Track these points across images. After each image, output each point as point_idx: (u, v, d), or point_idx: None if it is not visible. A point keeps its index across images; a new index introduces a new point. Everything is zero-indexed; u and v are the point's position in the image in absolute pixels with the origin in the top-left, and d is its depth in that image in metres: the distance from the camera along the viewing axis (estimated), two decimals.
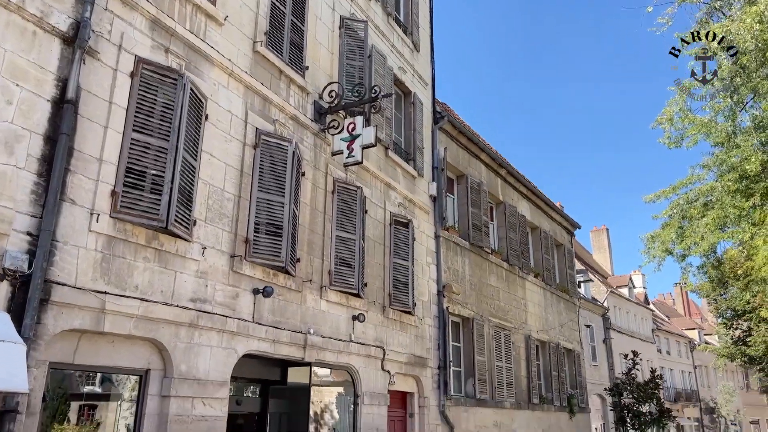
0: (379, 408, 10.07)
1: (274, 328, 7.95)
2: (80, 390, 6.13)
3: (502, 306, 15.55)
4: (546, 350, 17.70)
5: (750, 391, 52.88)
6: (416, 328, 11.72)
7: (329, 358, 9.05)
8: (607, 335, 34.89)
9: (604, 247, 45.06)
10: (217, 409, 6.85)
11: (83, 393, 6.18)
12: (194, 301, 6.80)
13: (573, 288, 21.15)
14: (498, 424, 14.12)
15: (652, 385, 19.63)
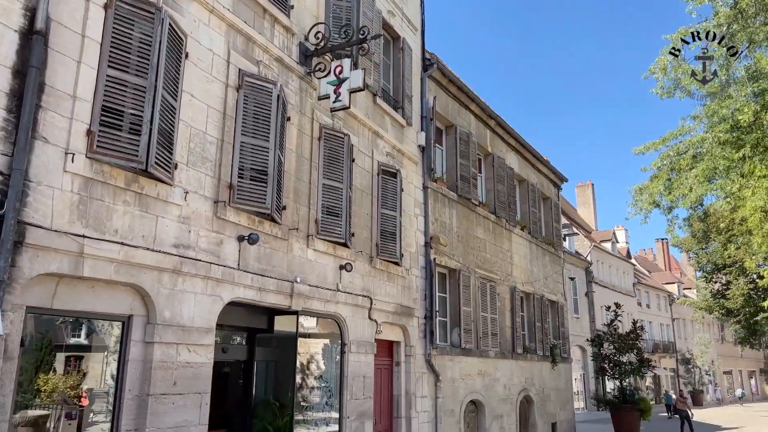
0: (366, 356, 10.09)
1: (260, 276, 7.81)
2: (62, 337, 5.98)
3: (488, 258, 15.57)
4: (530, 302, 17.89)
5: (725, 342, 54.61)
6: (403, 278, 11.68)
7: (316, 306, 8.98)
8: (589, 288, 35.49)
9: (589, 203, 45.33)
10: (202, 356, 6.76)
11: (65, 339, 6.03)
12: (177, 246, 6.61)
13: (558, 241, 21.26)
14: (482, 372, 14.33)
15: (633, 335, 20.01)
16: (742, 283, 27.58)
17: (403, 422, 11.21)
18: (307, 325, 9.30)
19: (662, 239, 59.63)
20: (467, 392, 13.52)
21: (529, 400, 16.79)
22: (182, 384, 6.46)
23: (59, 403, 5.83)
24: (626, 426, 18.82)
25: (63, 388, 5.85)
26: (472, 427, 13.96)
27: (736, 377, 56.55)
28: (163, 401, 6.21)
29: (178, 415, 6.34)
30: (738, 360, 56.76)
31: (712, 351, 49.23)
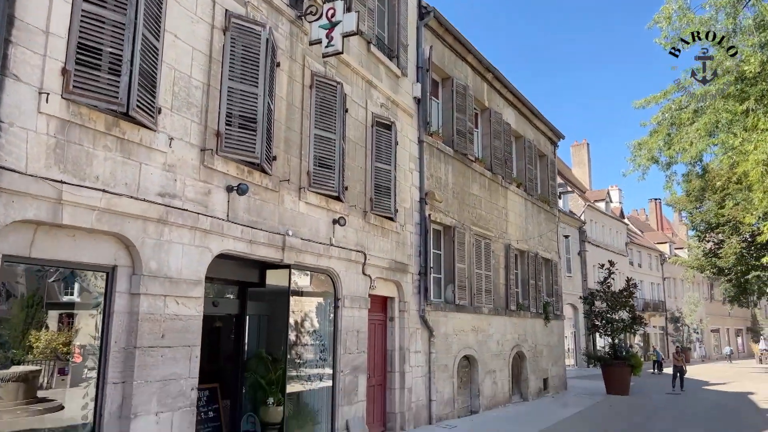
0: (359, 311, 9.96)
1: (251, 228, 7.57)
2: (44, 288, 5.75)
3: (483, 215, 15.38)
4: (525, 259, 17.81)
5: (713, 301, 55.39)
6: (398, 234, 11.48)
7: (309, 261, 8.78)
8: (582, 248, 35.60)
9: (584, 162, 45.08)
10: (191, 309, 6.57)
11: (49, 292, 5.80)
12: (162, 195, 6.33)
13: (554, 199, 21.08)
14: (476, 328, 14.31)
15: (626, 293, 20.08)
16: (734, 242, 27.66)
17: (397, 376, 11.19)
18: (300, 283, 9.12)
19: (655, 199, 59.74)
20: (461, 348, 13.52)
21: (521, 356, 16.89)
22: (171, 337, 6.28)
23: (51, 358, 5.67)
24: (617, 381, 19.04)
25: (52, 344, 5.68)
26: (465, 382, 14.03)
27: (723, 335, 57.58)
28: (151, 354, 6.04)
29: (166, 368, 6.18)
30: (726, 318, 57.68)
31: (700, 309, 49.92)
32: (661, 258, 49.58)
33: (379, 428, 10.81)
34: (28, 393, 5.54)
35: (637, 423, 13.05)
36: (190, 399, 6.45)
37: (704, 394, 20.17)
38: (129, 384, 5.82)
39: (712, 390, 21.91)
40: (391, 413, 11.07)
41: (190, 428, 6.42)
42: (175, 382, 6.29)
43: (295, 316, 8.81)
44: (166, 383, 6.18)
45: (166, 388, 6.17)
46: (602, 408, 15.67)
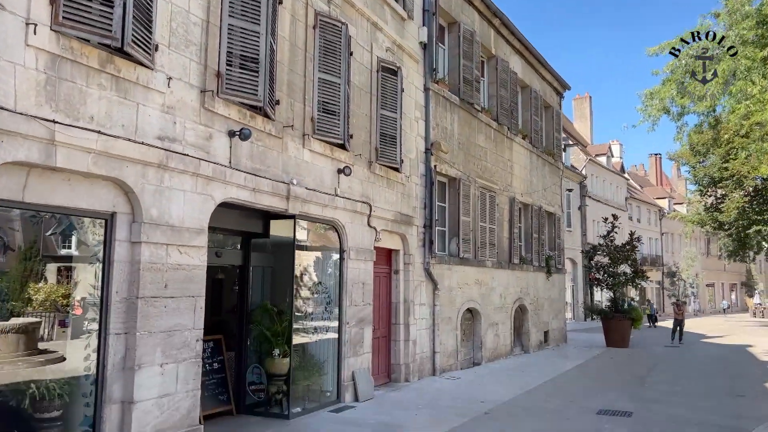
0: (365, 263, 9.76)
1: (254, 176, 7.25)
2: (40, 240, 5.47)
3: (489, 167, 15.05)
4: (528, 213, 17.59)
5: (710, 257, 55.76)
6: (403, 185, 11.18)
7: (314, 211, 8.50)
8: (582, 202, 35.45)
9: (586, 116, 44.43)
10: (194, 258, 6.32)
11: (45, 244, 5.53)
12: (162, 139, 5.99)
13: (558, 152, 20.72)
14: (479, 282, 14.20)
15: (629, 247, 19.97)
16: (737, 197, 27.47)
17: (402, 328, 11.10)
18: (305, 234, 8.85)
19: (655, 154, 59.33)
20: (464, 301, 13.43)
21: (523, 309, 16.88)
22: (174, 287, 6.05)
23: (51, 310, 5.45)
24: (617, 334, 19.13)
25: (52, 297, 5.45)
26: (468, 334, 14.00)
27: (718, 290, 58.22)
28: (154, 304, 5.82)
29: (170, 319, 5.98)
30: (721, 273, 58.22)
31: (697, 265, 50.27)
32: (659, 213, 49.56)
33: (384, 379, 10.78)
34: (29, 344, 5.34)
35: (639, 375, 13.09)
36: (195, 350, 6.28)
37: (703, 347, 20.33)
38: (132, 335, 5.61)
39: (711, 343, 22.10)
40: (395, 365, 11.02)
41: (196, 379, 6.27)
42: (180, 334, 6.09)
43: (300, 268, 8.59)
44: (171, 334, 5.98)
45: (171, 339, 5.98)
46: (603, 360, 15.75)
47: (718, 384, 11.99)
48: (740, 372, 14.01)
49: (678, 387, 11.50)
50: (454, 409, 8.96)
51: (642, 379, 12.48)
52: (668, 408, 9.33)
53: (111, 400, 5.48)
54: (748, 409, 9.32)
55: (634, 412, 8.99)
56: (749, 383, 12.13)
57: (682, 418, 8.61)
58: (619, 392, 10.77)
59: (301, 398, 8.55)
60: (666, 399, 10.15)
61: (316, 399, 8.79)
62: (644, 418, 8.59)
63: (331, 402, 8.85)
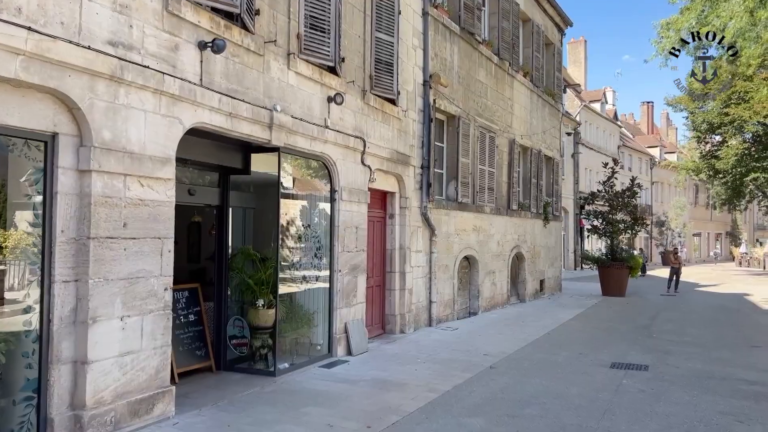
0: (358, 206, 8.80)
1: (230, 98, 6.16)
2: None
3: (489, 105, 13.98)
4: (527, 156, 16.63)
5: (697, 206, 55.69)
6: (399, 121, 10.11)
7: (301, 144, 7.45)
8: (576, 150, 34.59)
9: (580, 61, 42.99)
10: (160, 193, 5.30)
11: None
12: (114, 45, 4.86)
13: (559, 92, 19.61)
14: (477, 228, 13.36)
15: (629, 193, 19.19)
16: (737, 143, 26.73)
17: (397, 277, 10.26)
18: (292, 171, 7.81)
19: (648, 102, 58.24)
20: (462, 248, 12.61)
21: (520, 257, 16.16)
22: (135, 226, 5.06)
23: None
24: (614, 283, 18.57)
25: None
26: (465, 283, 13.26)
27: (704, 239, 58.46)
28: (111, 246, 4.83)
29: (132, 264, 5.01)
30: (707, 223, 58.35)
31: (685, 214, 50.09)
32: (651, 162, 48.94)
33: (378, 331, 10.01)
34: None
35: (644, 325, 12.49)
36: (164, 301, 5.34)
37: (700, 296, 19.93)
38: (84, 283, 4.65)
39: (706, 291, 21.75)
40: (390, 315, 10.24)
41: (165, 334, 5.36)
42: (144, 281, 5.13)
43: (286, 209, 7.60)
44: (133, 282, 5.02)
45: (133, 287, 5.02)
46: (603, 309, 15.18)
47: (728, 334, 11.42)
48: (746, 321, 13.50)
49: (687, 337, 10.90)
50: (455, 362, 8.22)
51: (647, 329, 11.88)
52: (684, 360, 8.68)
53: (60, 360, 4.56)
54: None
55: (650, 365, 8.32)
56: (760, 333, 11.58)
57: (702, 372, 7.95)
58: (628, 343, 10.13)
59: (289, 353, 7.72)
60: (679, 350, 9.51)
61: (306, 353, 7.98)
62: (662, 372, 7.92)
63: (322, 356, 8.04)
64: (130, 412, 4.97)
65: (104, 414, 4.74)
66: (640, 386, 7.11)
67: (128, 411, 4.96)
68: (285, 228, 7.59)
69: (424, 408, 6.05)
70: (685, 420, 5.74)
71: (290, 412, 5.79)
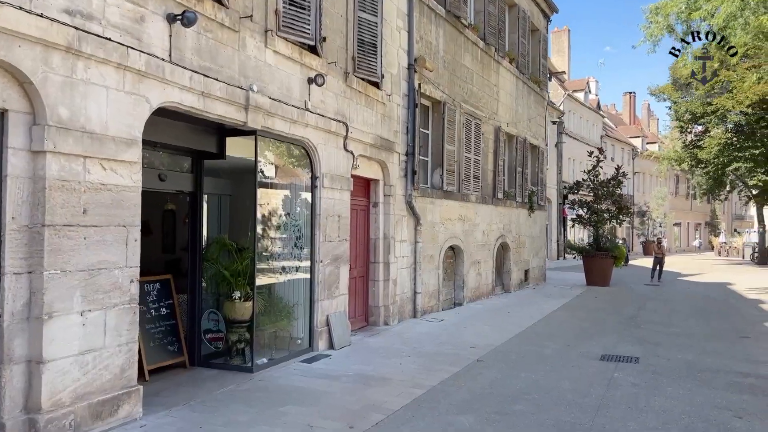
0: (341, 193, 8.43)
1: (203, 76, 5.74)
2: None
3: (475, 92, 13.65)
4: (513, 145, 16.36)
5: (678, 196, 56.13)
6: (383, 105, 9.74)
7: (279, 127, 7.04)
8: (559, 139, 34.44)
9: (564, 50, 42.77)
10: (124, 177, 4.88)
11: None
12: (71, 14, 4.42)
13: (544, 80, 19.35)
14: (462, 217, 13.07)
15: (613, 182, 19.04)
16: (719, 132, 26.78)
17: (381, 267, 9.93)
18: (270, 156, 7.41)
19: (630, 93, 58.42)
20: (447, 237, 12.31)
21: (505, 247, 15.92)
22: (97, 213, 4.64)
23: None
24: (598, 273, 18.44)
25: None
26: (450, 274, 12.98)
27: (684, 228, 59.03)
28: (69, 235, 4.41)
29: (93, 254, 4.59)
30: (687, 213, 58.87)
31: (666, 204, 50.43)
32: (633, 152, 49.12)
33: (361, 323, 9.68)
34: None
35: (630, 315, 12.34)
36: (129, 294, 4.94)
37: (684, 285, 19.92)
38: (38, 275, 4.23)
39: (690, 281, 21.78)
40: (374, 307, 9.91)
41: (131, 330, 4.96)
42: (107, 273, 4.73)
43: (263, 196, 7.20)
44: (94, 274, 4.61)
45: (94, 280, 4.62)
46: (588, 300, 15.02)
47: (716, 324, 11.29)
48: (732, 311, 13.42)
49: (676, 328, 10.74)
50: (442, 356, 7.92)
51: (634, 320, 11.71)
52: (675, 352, 8.48)
53: (12, 359, 4.15)
54: (760, 352, 8.56)
55: (640, 357, 8.11)
56: (748, 323, 11.47)
57: (693, 364, 7.75)
58: (617, 335, 9.93)
59: (268, 347, 7.36)
60: (669, 342, 9.33)
61: (285, 348, 7.62)
62: (653, 364, 7.70)
63: (303, 351, 7.69)
64: (92, 414, 4.58)
65: (62, 417, 4.35)
66: (633, 380, 6.88)
67: (90, 413, 4.57)
68: (263, 216, 7.19)
69: (410, 405, 5.74)
70: (682, 416, 5.51)
71: (267, 411, 5.44)
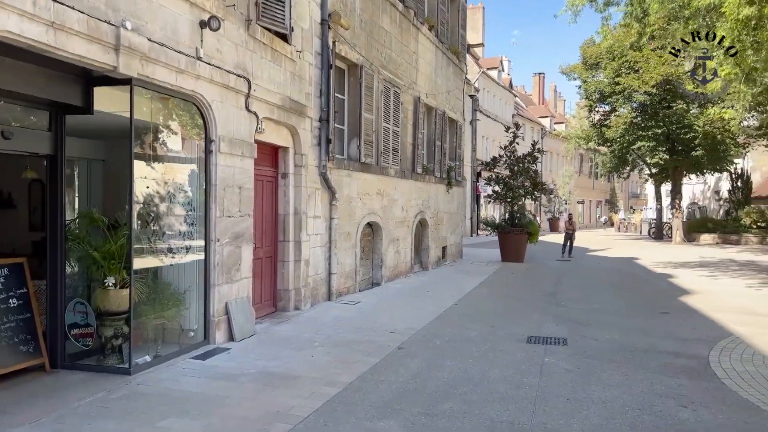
0: (242, 161, 7.27)
1: (53, 1, 4.41)
2: None
3: (393, 57, 12.74)
4: (432, 117, 15.68)
5: (581, 175, 58.56)
6: (293, 63, 8.61)
7: (163, 77, 5.79)
8: (474, 116, 34.43)
9: (478, 28, 42.72)
10: None
11: None
12: None
13: (463, 51, 18.77)
14: (381, 192, 12.23)
15: (529, 158, 18.91)
16: (626, 111, 27.61)
17: (291, 246, 8.90)
18: (151, 111, 6.14)
19: (539, 73, 59.96)
20: (365, 213, 11.44)
21: (423, 224, 15.31)
22: None
23: None
24: (513, 249, 18.33)
25: None
26: (368, 252, 12.15)
27: (587, 206, 61.87)
28: None
29: None
30: (590, 191, 61.68)
31: (572, 183, 52.41)
32: (542, 132, 50.42)
33: (269, 309, 8.64)
34: None
35: (549, 292, 12.08)
36: None
37: (594, 260, 20.31)
38: None
39: (598, 256, 22.31)
40: (283, 291, 8.88)
41: None
42: None
43: (144, 162, 5.95)
44: None
45: None
46: (505, 276, 14.74)
47: (633, 299, 11.22)
48: (644, 285, 13.54)
49: (595, 304, 10.52)
50: (359, 344, 7.07)
51: (554, 296, 11.44)
52: (601, 331, 8.11)
53: None
54: (683, 329, 8.36)
55: (567, 338, 7.66)
56: (662, 298, 11.49)
57: (622, 344, 7.37)
58: (539, 313, 9.51)
59: (153, 342, 6.18)
60: (592, 319, 9.00)
61: (175, 341, 6.46)
62: (582, 346, 7.24)
63: (197, 345, 6.56)
64: None
65: None
66: (565, 365, 6.34)
67: None
68: (143, 186, 5.94)
69: (322, 409, 4.83)
70: (625, 407, 4.97)
71: (142, 428, 4.33)
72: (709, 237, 30.50)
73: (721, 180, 35.54)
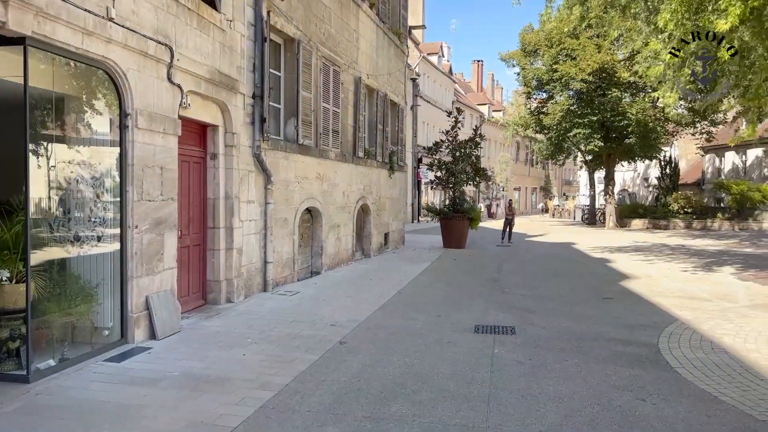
0: (164, 138, 6.52)
1: None
2: None
3: (333, 34, 12.09)
4: (374, 99, 15.15)
5: (518, 162, 59.69)
6: (223, 32, 7.86)
7: (66, 37, 4.98)
8: (415, 102, 34.18)
9: (418, 12, 42.19)
10: None
11: None
12: None
13: (405, 32, 18.29)
14: (321, 176, 11.63)
15: (471, 144, 18.72)
16: (564, 98, 27.99)
17: (222, 233, 8.20)
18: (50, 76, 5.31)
19: (478, 61, 60.45)
20: (304, 198, 10.82)
21: (365, 210, 14.83)
22: None
23: None
24: (455, 235, 18.16)
25: None
26: (307, 239, 11.55)
27: (523, 192, 63.25)
28: None
29: None
30: (526, 178, 63.05)
31: (509, 170, 53.29)
32: (481, 119, 50.86)
33: (197, 302, 7.93)
34: None
35: (491, 278, 11.89)
36: None
37: (532, 246, 20.46)
38: None
39: (536, 242, 22.54)
40: (213, 282, 8.18)
41: None
42: None
43: (44, 136, 5.14)
44: None
45: None
46: (448, 263, 14.49)
47: (575, 285, 11.17)
48: (584, 270, 13.59)
49: (539, 290, 10.38)
50: (297, 339, 6.52)
51: (497, 282, 11.25)
52: (548, 319, 7.90)
53: None
54: (628, 315, 8.26)
55: (515, 326, 7.38)
56: (604, 282, 11.50)
57: (570, 332, 7.15)
58: (484, 300, 9.24)
59: (59, 344, 5.40)
60: (538, 307, 8.80)
61: (87, 342, 5.70)
62: (531, 335, 6.98)
63: (112, 344, 5.82)
64: None
65: None
66: (516, 356, 6.03)
67: None
68: (44, 165, 5.13)
69: (254, 418, 4.27)
70: (583, 403, 4.67)
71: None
72: (639, 222, 31.59)
73: (650, 167, 36.89)
